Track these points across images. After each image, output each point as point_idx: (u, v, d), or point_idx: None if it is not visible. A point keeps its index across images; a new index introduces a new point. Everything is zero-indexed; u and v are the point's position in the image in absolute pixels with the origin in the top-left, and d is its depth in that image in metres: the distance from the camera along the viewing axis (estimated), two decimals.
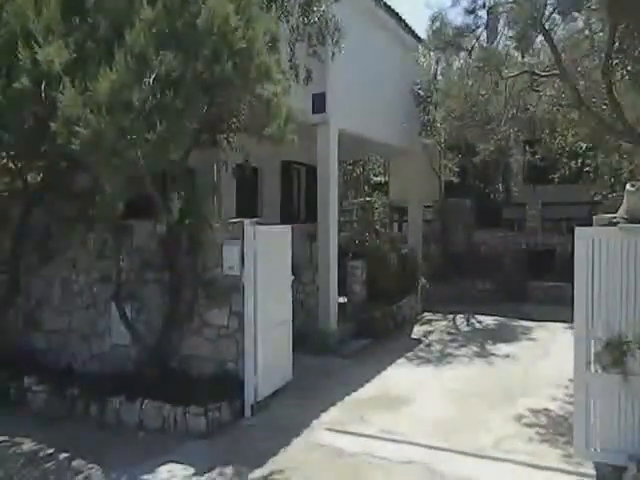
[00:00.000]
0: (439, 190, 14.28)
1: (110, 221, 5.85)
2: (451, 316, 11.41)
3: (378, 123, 10.49)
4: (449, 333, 10.08)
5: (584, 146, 10.70)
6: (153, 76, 4.19)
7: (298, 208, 12.49)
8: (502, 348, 8.92)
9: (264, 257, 6.35)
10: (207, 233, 5.85)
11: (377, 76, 10.40)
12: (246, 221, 6.22)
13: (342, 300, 9.99)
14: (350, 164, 24.15)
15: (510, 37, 8.54)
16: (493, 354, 8.63)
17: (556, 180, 12.14)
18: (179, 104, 4.27)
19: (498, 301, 12.35)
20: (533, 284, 12.49)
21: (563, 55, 7.61)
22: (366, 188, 22.75)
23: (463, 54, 9.61)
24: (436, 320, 11.17)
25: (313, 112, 8.76)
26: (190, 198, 5.83)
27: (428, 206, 14.35)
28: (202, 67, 4.46)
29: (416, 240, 13.06)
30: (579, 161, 11.11)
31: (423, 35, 11.86)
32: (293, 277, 7.12)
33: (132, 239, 6.96)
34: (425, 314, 11.70)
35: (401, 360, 8.35)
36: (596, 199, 11.27)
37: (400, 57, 11.64)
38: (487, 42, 9.75)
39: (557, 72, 7.39)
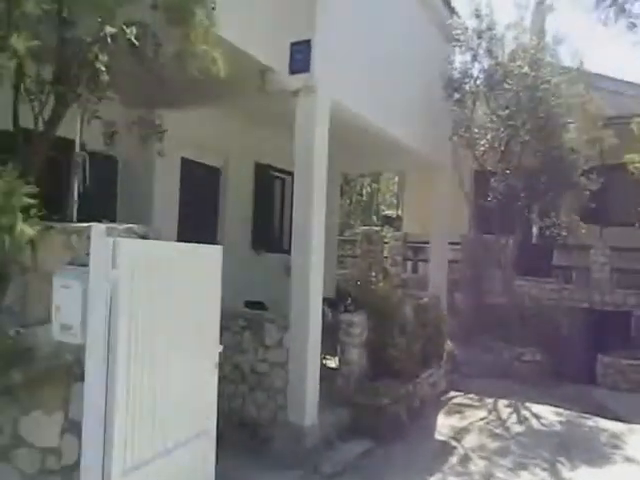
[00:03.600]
0: (470, 221, 10.85)
1: None
2: (491, 401, 7.78)
3: (390, 109, 7.21)
4: (493, 435, 6.44)
5: None
6: None
7: (280, 231, 9.08)
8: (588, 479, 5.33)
9: (147, 306, 2.93)
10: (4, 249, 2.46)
11: (392, 43, 7.20)
12: (96, 227, 2.81)
13: (332, 364, 6.57)
14: (359, 193, 20.91)
15: None
16: None
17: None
18: None
19: (554, 380, 8.75)
20: (603, 359, 8.87)
21: None
22: (375, 220, 19.43)
23: None
24: (470, 406, 7.55)
25: (291, 71, 5.47)
26: None
27: (454, 242, 10.91)
28: None
29: (439, 286, 9.57)
30: None
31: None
32: (221, 347, 3.64)
33: None
34: (452, 394, 8.09)
35: None
36: None
37: (426, 28, 8.45)
38: None
39: None
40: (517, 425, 6.82)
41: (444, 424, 6.75)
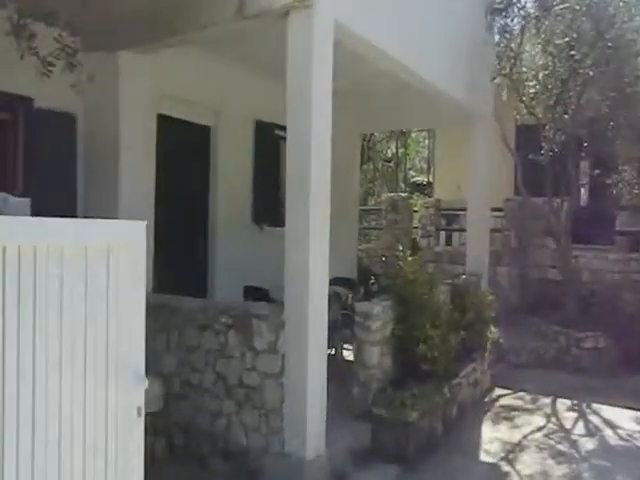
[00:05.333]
0: (516, 182, 9.22)
1: None
2: (547, 401, 6.34)
3: (418, 42, 5.62)
4: (557, 454, 5.00)
5: None
6: None
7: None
8: None
9: None
10: None
11: None
12: None
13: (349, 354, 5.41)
14: (385, 159, 19.25)
15: None
16: None
17: None
18: None
19: (623, 371, 7.21)
20: None
21: None
22: (403, 187, 17.79)
23: None
24: (522, 410, 6.12)
25: None
26: None
27: (496, 209, 9.31)
28: None
29: (479, 260, 8.03)
30: None
31: None
32: (147, 383, 2.31)
33: None
34: (498, 393, 6.67)
35: None
36: None
37: None
38: None
39: None
40: (587, 439, 5.35)
41: (491, 437, 5.36)
